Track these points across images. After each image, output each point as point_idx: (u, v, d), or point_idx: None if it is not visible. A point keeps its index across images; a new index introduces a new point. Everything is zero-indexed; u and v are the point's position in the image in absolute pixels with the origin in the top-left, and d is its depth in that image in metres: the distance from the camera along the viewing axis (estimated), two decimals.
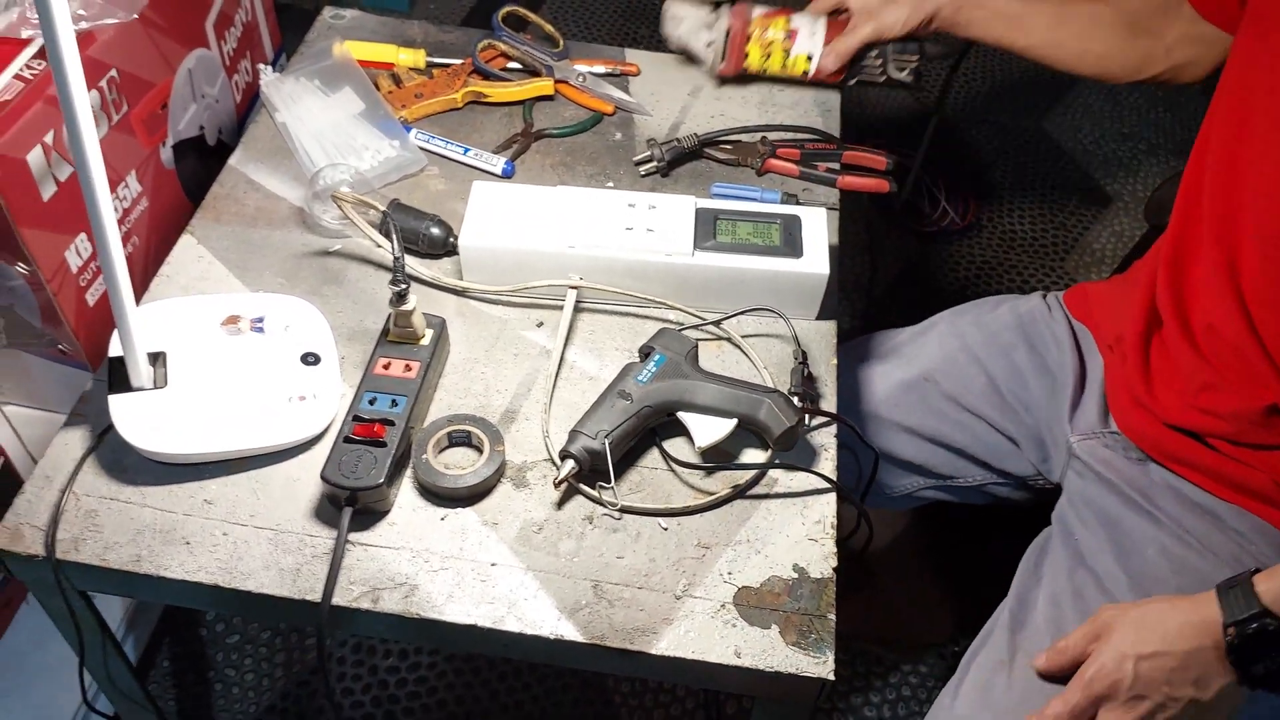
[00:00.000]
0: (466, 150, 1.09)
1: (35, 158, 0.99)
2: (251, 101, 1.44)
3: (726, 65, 1.15)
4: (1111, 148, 2.19)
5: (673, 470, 0.86)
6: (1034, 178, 2.12)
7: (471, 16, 2.31)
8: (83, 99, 0.68)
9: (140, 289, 1.25)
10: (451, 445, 0.86)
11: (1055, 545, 0.99)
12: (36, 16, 0.94)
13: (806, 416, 0.87)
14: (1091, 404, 1.05)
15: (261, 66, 1.16)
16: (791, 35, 1.13)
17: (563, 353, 0.93)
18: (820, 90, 1.19)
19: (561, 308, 0.96)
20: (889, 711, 1.39)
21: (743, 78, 1.19)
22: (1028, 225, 2.02)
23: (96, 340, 1.15)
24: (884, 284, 1.88)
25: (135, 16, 1.01)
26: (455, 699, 1.34)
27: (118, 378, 0.83)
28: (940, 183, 1.97)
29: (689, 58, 1.18)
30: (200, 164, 1.31)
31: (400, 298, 0.85)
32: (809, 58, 1.14)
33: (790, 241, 0.95)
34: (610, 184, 1.09)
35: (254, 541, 0.79)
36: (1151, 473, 0.98)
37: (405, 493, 0.83)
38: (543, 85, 1.16)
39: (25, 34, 0.95)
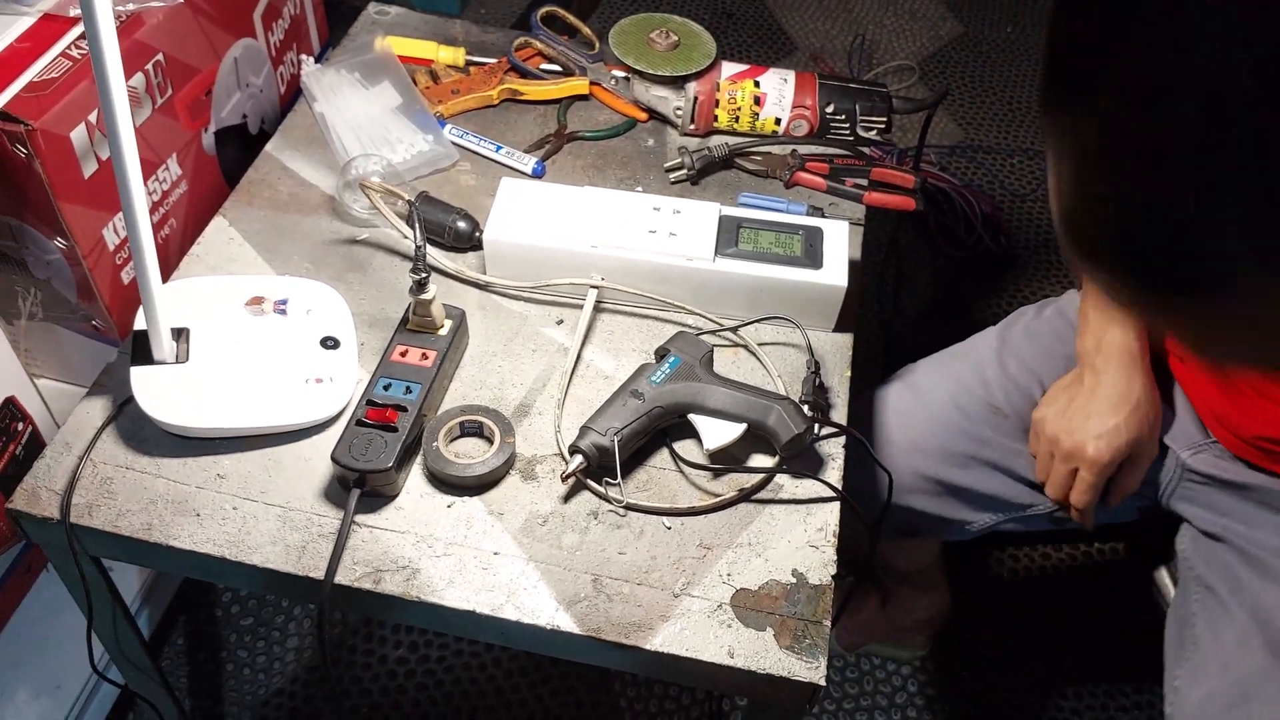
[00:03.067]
0: (499, 148, 1.11)
1: (78, 135, 1.01)
2: (296, 93, 1.47)
3: (695, 128, 1.15)
4: None
5: (680, 470, 0.86)
6: None
7: (521, 22, 2.33)
8: (115, 67, 0.70)
9: (174, 269, 1.28)
10: (463, 435, 0.87)
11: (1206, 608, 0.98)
12: None
13: (815, 425, 0.87)
14: (1185, 415, 1.03)
15: (304, 57, 1.18)
16: (760, 100, 1.12)
17: (580, 351, 0.94)
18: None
19: (581, 306, 0.97)
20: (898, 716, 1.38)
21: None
22: (1060, 255, 2.00)
23: (129, 318, 1.17)
24: (915, 305, 1.87)
25: (181, 1, 1.03)
26: (461, 693, 1.34)
27: (141, 351, 0.85)
28: (977, 208, 1.96)
29: (660, 118, 1.17)
30: (241, 152, 1.34)
31: (420, 286, 0.86)
32: (777, 120, 1.13)
33: (811, 253, 0.95)
34: (639, 189, 1.10)
35: (263, 517, 0.80)
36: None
37: (414, 478, 0.84)
38: (578, 85, 1.17)
39: (73, 12, 0.97)
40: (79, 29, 0.99)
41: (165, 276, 1.24)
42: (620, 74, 1.18)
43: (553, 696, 1.35)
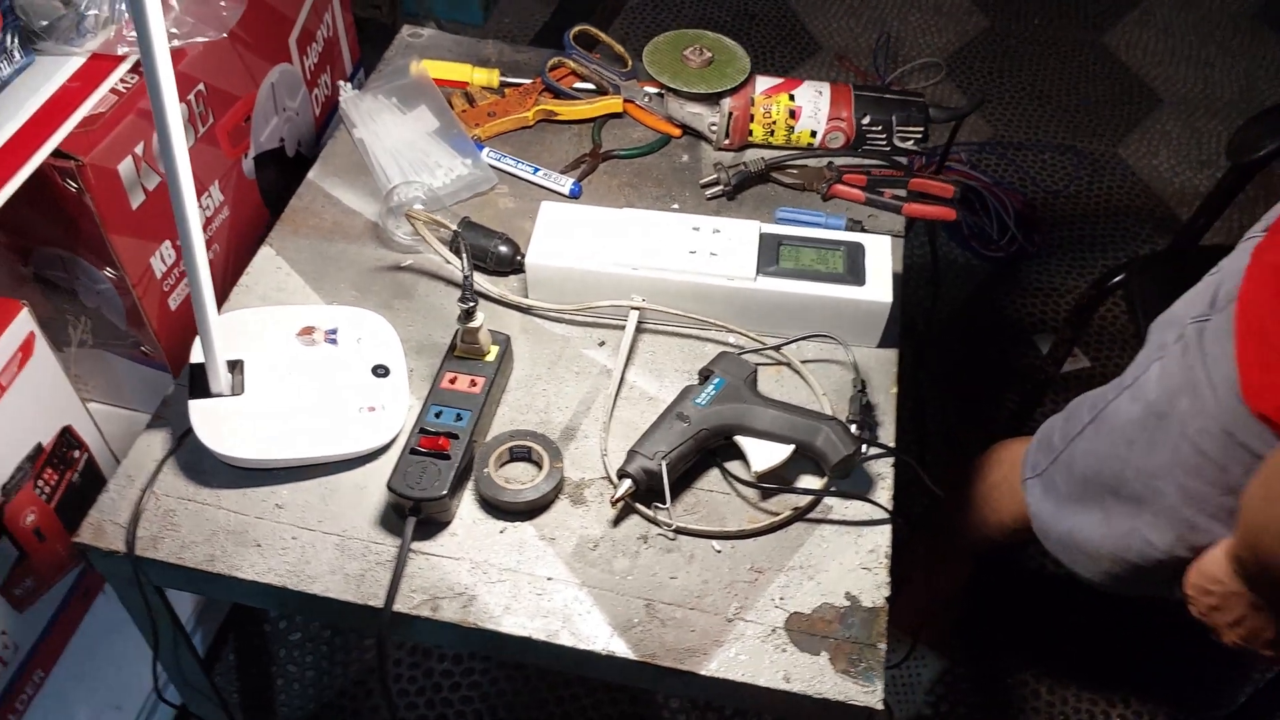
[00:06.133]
0: (536, 170, 1.11)
1: (126, 168, 1.03)
2: (330, 115, 1.49)
3: (730, 143, 1.15)
4: (1188, 176, 2.15)
5: (733, 489, 0.87)
6: (1108, 205, 2.08)
7: (543, 33, 2.34)
8: (175, 114, 0.72)
9: (220, 296, 1.29)
10: (512, 460, 0.88)
11: None
12: (132, 34, 0.99)
13: (864, 446, 0.87)
14: None
15: (341, 83, 1.20)
16: (795, 113, 1.12)
17: (623, 372, 0.95)
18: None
19: (622, 327, 0.97)
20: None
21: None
22: (1099, 253, 1.99)
23: (177, 343, 1.20)
24: (948, 309, 1.87)
25: (225, 35, 1.05)
26: (505, 705, 1.36)
27: (198, 383, 0.86)
28: (1009, 206, 1.95)
29: (694, 133, 1.18)
30: (279, 175, 1.36)
31: (468, 315, 0.87)
32: (812, 133, 1.13)
33: (854, 269, 0.95)
34: (675, 206, 1.10)
35: (321, 546, 0.82)
36: None
37: (466, 505, 0.86)
38: (612, 103, 1.18)
39: (121, 50, 0.99)
40: (125, 66, 1.01)
41: (221, 300, 1.26)
42: (653, 90, 1.18)
43: (595, 709, 1.36)
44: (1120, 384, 0.98)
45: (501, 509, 0.85)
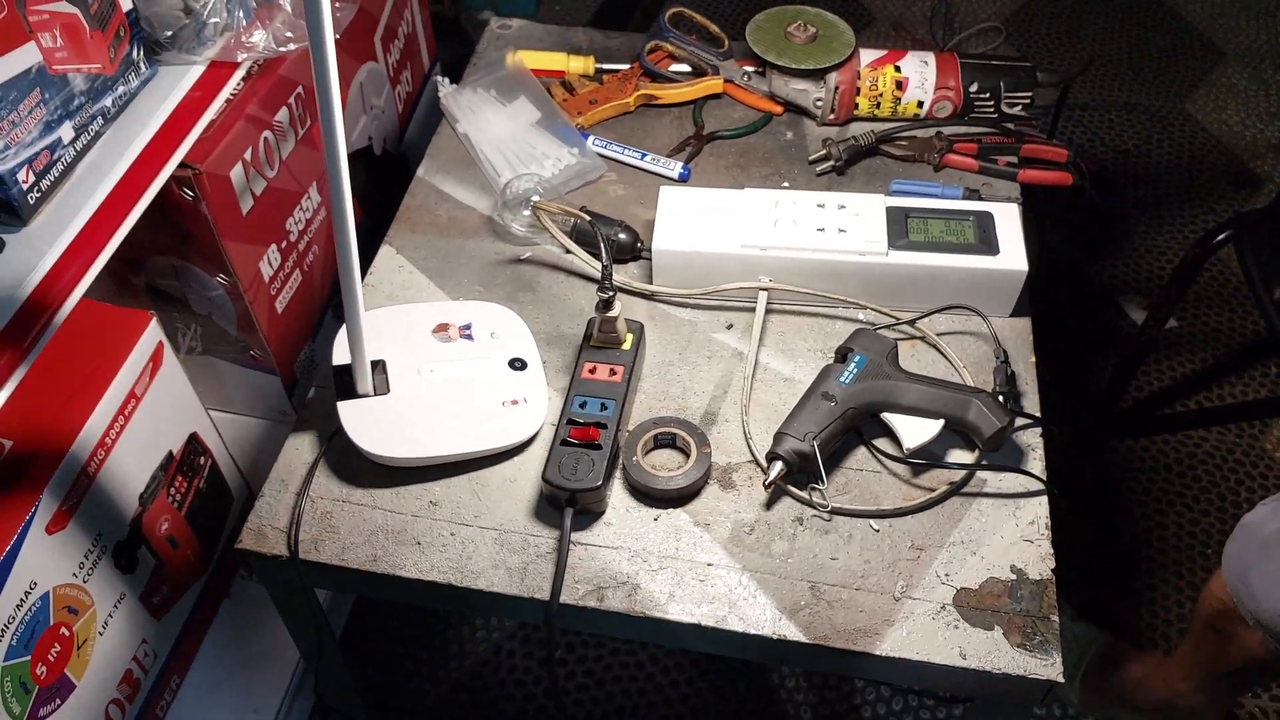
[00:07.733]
0: (644, 155, 1.11)
1: (237, 174, 1.04)
2: (411, 112, 1.49)
3: (835, 117, 1.14)
4: (1260, 128, 2.11)
5: (883, 466, 0.86)
6: (1180, 162, 2.05)
7: (597, 17, 2.32)
8: (337, 116, 0.72)
9: (330, 297, 1.29)
10: (657, 447, 0.88)
11: None
12: (251, 38, 0.99)
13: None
14: None
15: (438, 78, 1.19)
16: (902, 84, 1.11)
17: (756, 354, 0.94)
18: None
19: (747, 309, 0.97)
20: None
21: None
22: (1176, 211, 1.96)
23: (284, 346, 1.21)
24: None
25: (337, 38, 1.05)
26: (622, 691, 1.36)
27: (343, 385, 0.86)
28: (1084, 169, 1.92)
29: (796, 110, 1.17)
30: (369, 174, 1.36)
31: (606, 304, 0.87)
32: (919, 104, 1.12)
33: (985, 238, 0.94)
34: (786, 184, 1.09)
35: (480, 541, 0.82)
36: None
37: (616, 494, 0.85)
38: (713, 84, 1.17)
39: (240, 57, 0.99)
40: (240, 73, 1.01)
41: (321, 300, 1.26)
42: (751, 69, 1.17)
43: (713, 691, 1.36)
44: None
45: (653, 496, 0.84)
